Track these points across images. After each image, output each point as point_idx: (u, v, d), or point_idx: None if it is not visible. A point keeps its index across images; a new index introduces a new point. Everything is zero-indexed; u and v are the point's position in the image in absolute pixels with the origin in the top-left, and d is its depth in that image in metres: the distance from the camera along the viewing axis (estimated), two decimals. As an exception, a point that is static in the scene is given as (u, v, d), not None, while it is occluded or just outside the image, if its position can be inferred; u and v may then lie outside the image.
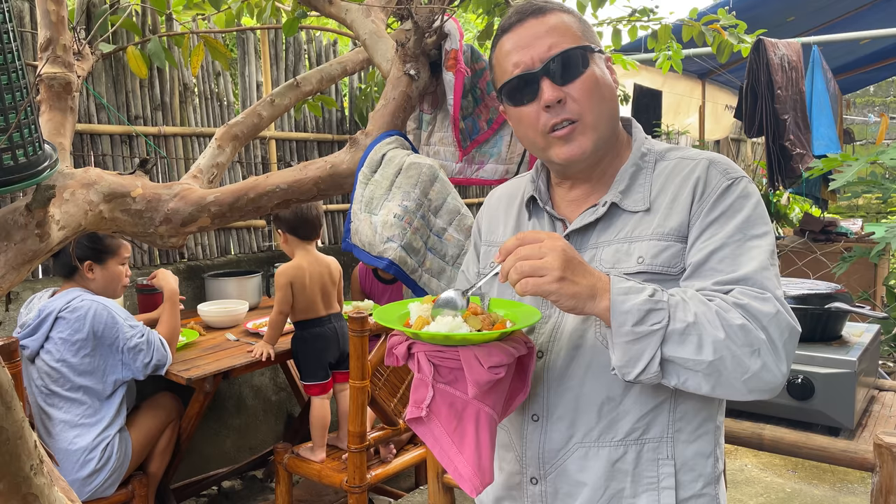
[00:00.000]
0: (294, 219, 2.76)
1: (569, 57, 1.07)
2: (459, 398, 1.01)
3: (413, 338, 1.02)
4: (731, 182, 1.06)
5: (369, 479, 2.48)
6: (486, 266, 1.25)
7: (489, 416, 1.01)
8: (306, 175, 1.92)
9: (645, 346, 0.93)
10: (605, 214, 1.10)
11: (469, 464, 1.00)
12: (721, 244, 1.02)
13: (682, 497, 1.07)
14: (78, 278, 2.48)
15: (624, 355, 0.95)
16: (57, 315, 2.33)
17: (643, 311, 0.92)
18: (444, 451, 1.02)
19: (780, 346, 0.95)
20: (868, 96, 12.35)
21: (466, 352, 0.98)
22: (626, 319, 0.92)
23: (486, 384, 0.97)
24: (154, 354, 2.45)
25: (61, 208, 1.52)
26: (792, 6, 5.65)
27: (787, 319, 0.96)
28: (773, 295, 0.97)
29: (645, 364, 0.93)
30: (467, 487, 1.00)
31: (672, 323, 0.92)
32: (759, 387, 0.94)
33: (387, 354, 1.06)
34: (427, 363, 1.00)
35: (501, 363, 0.98)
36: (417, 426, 1.03)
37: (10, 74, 1.16)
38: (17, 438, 0.74)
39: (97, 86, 3.16)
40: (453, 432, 1.01)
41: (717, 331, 0.92)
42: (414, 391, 1.02)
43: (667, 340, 0.93)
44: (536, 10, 1.10)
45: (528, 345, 1.06)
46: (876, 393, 1.97)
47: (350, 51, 2.85)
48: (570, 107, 1.07)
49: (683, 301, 0.95)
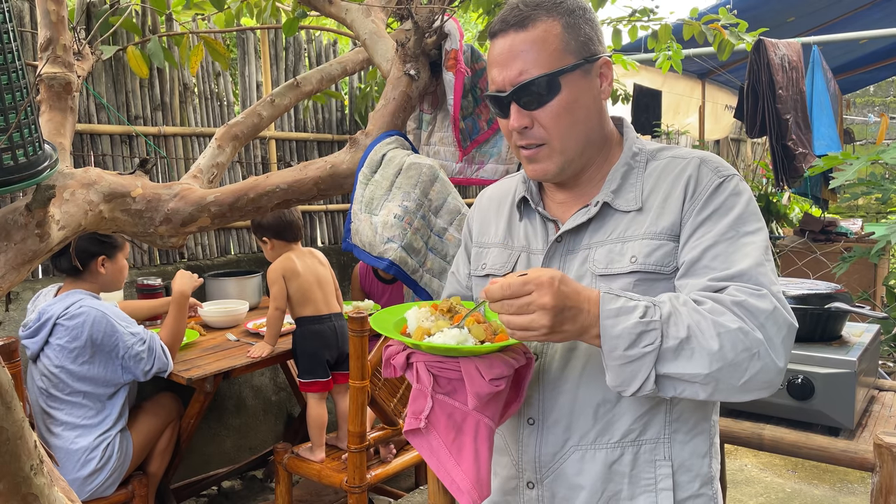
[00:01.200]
0: (277, 223, 2.79)
1: (537, 85, 1.04)
2: (458, 409, 1.00)
3: (413, 348, 1.01)
4: (722, 180, 1.06)
5: (369, 479, 2.48)
6: (477, 268, 1.25)
7: (488, 427, 1.00)
8: (306, 175, 1.92)
9: (638, 367, 0.92)
10: (598, 214, 1.10)
11: (468, 476, 0.98)
12: (714, 241, 1.01)
13: (679, 498, 1.07)
14: (87, 275, 2.45)
15: (618, 377, 0.94)
16: (55, 321, 2.31)
17: (634, 334, 0.91)
18: (441, 463, 1.00)
19: (779, 343, 0.94)
20: (868, 96, 12.34)
21: (468, 363, 0.97)
22: (617, 344, 0.91)
23: (486, 396, 0.97)
24: (155, 362, 2.44)
25: (61, 208, 1.52)
26: (792, 6, 5.65)
27: (783, 315, 0.95)
28: (770, 291, 0.96)
29: (640, 384, 0.93)
30: (465, 500, 0.99)
31: (665, 341, 0.91)
32: (756, 387, 0.94)
33: (384, 365, 1.04)
34: (427, 374, 0.99)
35: (503, 375, 0.97)
36: (414, 438, 1.02)
37: (10, 74, 1.16)
38: (17, 438, 0.74)
39: (97, 86, 3.16)
40: (451, 444, 1.00)
41: (711, 342, 0.91)
42: (412, 402, 1.01)
43: (660, 359, 0.92)
44: (519, 22, 1.05)
45: (526, 355, 1.05)
46: (876, 393, 1.97)
47: (350, 51, 2.85)
48: (536, 132, 1.07)
49: (675, 313, 0.93)
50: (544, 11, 1.06)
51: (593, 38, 1.09)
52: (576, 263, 1.10)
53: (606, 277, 1.06)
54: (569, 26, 1.06)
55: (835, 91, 5.24)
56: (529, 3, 1.07)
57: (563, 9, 1.06)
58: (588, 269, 1.08)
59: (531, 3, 1.07)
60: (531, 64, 1.04)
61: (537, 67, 1.04)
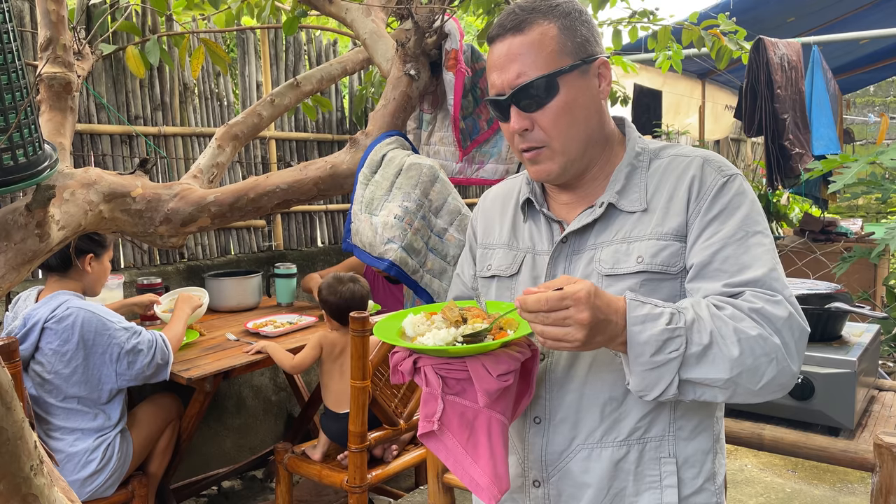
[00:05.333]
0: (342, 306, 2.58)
1: (535, 87, 1.05)
2: (470, 408, 1.01)
3: (419, 353, 1.02)
4: (726, 179, 1.07)
5: (369, 479, 2.48)
6: (482, 269, 1.25)
7: (500, 423, 1.02)
8: (306, 175, 1.92)
9: (663, 373, 0.94)
10: (603, 215, 1.11)
11: (486, 473, 1.00)
12: (724, 244, 1.02)
13: (684, 494, 1.08)
14: (73, 273, 2.39)
15: (642, 382, 0.95)
16: (43, 325, 2.24)
17: (661, 340, 0.93)
18: (458, 462, 1.02)
19: (794, 347, 0.97)
20: (868, 96, 12.35)
21: (474, 362, 0.98)
22: (643, 350, 0.93)
23: (495, 392, 0.98)
24: (157, 353, 2.38)
25: (61, 208, 1.52)
26: (792, 6, 5.65)
27: (798, 321, 0.98)
28: (783, 296, 0.98)
29: (664, 388, 0.95)
30: (485, 496, 1.00)
31: (689, 347, 0.93)
32: (772, 390, 0.97)
33: (392, 372, 1.06)
34: (435, 376, 1.00)
35: (509, 370, 0.98)
36: (429, 440, 1.03)
37: (10, 74, 1.16)
38: (17, 439, 0.74)
39: (97, 86, 3.16)
40: (466, 443, 1.01)
41: (732, 348, 0.93)
42: (423, 406, 1.02)
43: (684, 365, 0.94)
44: (515, 26, 1.07)
45: (531, 347, 1.06)
46: (876, 393, 1.97)
47: (350, 51, 2.84)
48: (536, 134, 1.09)
49: (698, 319, 0.95)
50: (541, 15, 1.07)
51: (590, 39, 1.10)
52: (581, 264, 1.10)
53: (613, 277, 1.06)
54: (565, 28, 1.07)
55: (834, 91, 5.24)
56: (526, 8, 1.09)
57: (559, 11, 1.08)
58: (594, 269, 1.09)
59: (527, 8, 1.09)
60: (529, 66, 1.06)
61: (535, 69, 1.06)
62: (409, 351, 1.03)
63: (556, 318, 0.91)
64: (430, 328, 1.03)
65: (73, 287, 2.39)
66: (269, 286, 3.66)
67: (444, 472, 2.16)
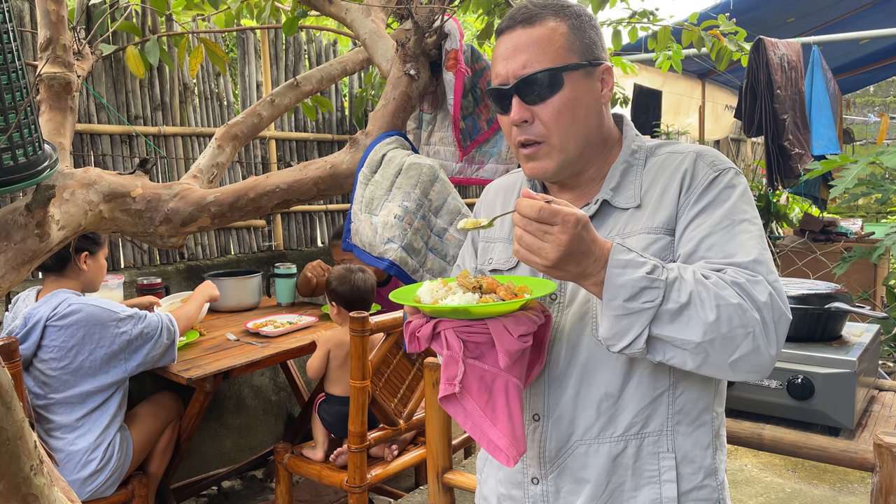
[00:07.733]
0: (351, 294, 2.68)
1: (540, 78, 1.06)
2: (488, 371, 1.03)
3: (439, 316, 1.03)
4: (717, 173, 1.07)
5: (369, 479, 2.48)
6: (483, 262, 1.26)
7: (516, 387, 1.03)
8: (306, 175, 1.92)
9: (633, 321, 0.93)
10: (598, 212, 1.12)
11: (504, 434, 1.01)
12: (709, 232, 1.02)
13: (683, 489, 1.08)
14: (70, 272, 2.40)
15: (611, 328, 0.95)
16: (46, 324, 2.24)
17: (638, 287, 0.92)
18: (477, 425, 1.03)
19: (773, 328, 0.95)
20: (868, 96, 12.35)
21: (495, 323, 1.00)
22: (618, 293, 0.93)
23: (516, 353, 0.99)
24: (163, 333, 2.39)
25: (61, 208, 1.52)
26: (792, 7, 5.65)
27: (779, 305, 0.97)
28: (767, 280, 0.97)
29: (631, 339, 0.94)
30: (503, 458, 1.01)
31: (665, 303, 0.92)
32: (745, 368, 0.95)
33: (409, 340, 1.06)
34: (456, 339, 1.01)
35: (529, 331, 1.00)
36: (449, 404, 1.04)
37: (10, 74, 1.16)
38: (17, 439, 0.74)
39: (97, 86, 3.16)
40: (485, 406, 1.03)
41: (710, 312, 0.92)
42: (444, 369, 1.03)
43: (657, 319, 0.93)
44: (526, 19, 1.09)
45: (545, 314, 1.07)
46: (876, 393, 1.97)
47: (350, 51, 2.84)
48: (536, 128, 1.09)
49: (681, 279, 0.94)
50: (552, 12, 1.09)
51: (597, 43, 1.12)
52: None
53: None
54: (575, 28, 1.09)
55: (834, 91, 5.23)
56: (538, 4, 1.11)
57: (570, 12, 1.10)
58: None
59: (540, 4, 1.11)
60: (536, 58, 1.07)
61: (542, 62, 1.07)
62: (428, 317, 1.04)
63: (538, 229, 0.92)
64: (447, 293, 1.05)
65: (71, 285, 2.40)
66: (269, 286, 3.66)
67: (444, 472, 2.16)
